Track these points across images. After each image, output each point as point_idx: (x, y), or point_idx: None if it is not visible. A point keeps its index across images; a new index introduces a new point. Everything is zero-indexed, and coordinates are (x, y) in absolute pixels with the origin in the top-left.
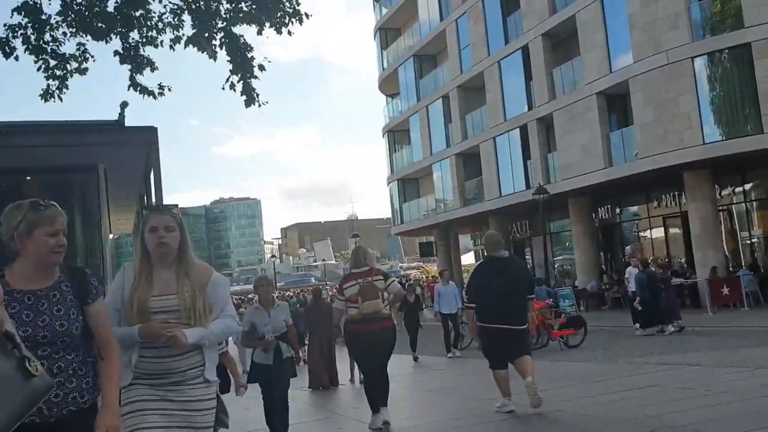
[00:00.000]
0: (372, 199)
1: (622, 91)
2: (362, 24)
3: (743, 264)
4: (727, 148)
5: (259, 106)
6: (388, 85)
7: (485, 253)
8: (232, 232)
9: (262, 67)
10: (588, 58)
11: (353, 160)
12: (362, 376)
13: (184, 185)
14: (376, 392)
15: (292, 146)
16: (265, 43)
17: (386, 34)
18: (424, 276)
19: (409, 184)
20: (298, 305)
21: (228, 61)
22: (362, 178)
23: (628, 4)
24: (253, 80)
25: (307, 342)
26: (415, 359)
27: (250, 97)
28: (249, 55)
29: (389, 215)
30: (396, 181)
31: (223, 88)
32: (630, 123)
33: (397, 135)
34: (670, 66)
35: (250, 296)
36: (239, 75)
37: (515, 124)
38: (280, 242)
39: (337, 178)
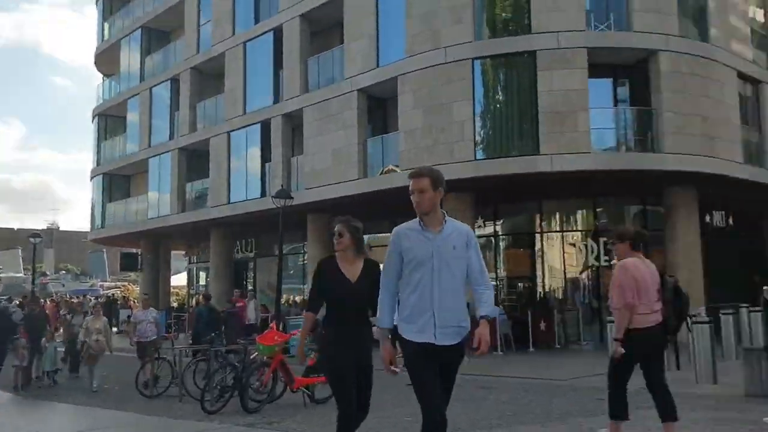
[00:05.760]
0: (81, 208)
1: (389, 90)
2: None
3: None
4: (499, 167)
5: None
6: (107, 63)
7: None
8: None
9: None
10: (353, 48)
11: (60, 163)
12: None
13: None
14: None
15: None
16: None
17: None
18: (123, 296)
19: (117, 181)
20: None
21: None
22: (70, 185)
23: None
24: None
25: None
26: None
27: None
28: None
29: None
30: (101, 176)
31: None
32: (393, 129)
33: (110, 120)
34: (448, 66)
35: None
36: None
37: (256, 118)
38: None
39: (38, 180)
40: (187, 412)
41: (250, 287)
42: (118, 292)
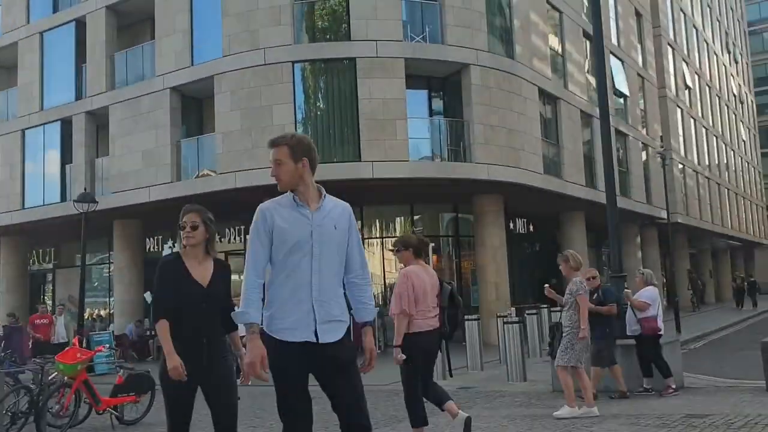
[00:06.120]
0: None
1: (205, 90)
2: None
3: None
4: (321, 173)
5: None
6: None
7: None
8: None
9: None
10: (165, 44)
11: None
12: None
13: None
14: None
15: None
16: None
17: None
18: None
19: None
20: None
21: None
22: None
23: None
24: None
25: None
26: None
27: None
28: None
29: None
30: None
31: None
32: (210, 130)
33: None
34: (267, 67)
35: None
36: None
37: (56, 115)
38: None
39: None
40: None
41: (49, 301)
42: None
